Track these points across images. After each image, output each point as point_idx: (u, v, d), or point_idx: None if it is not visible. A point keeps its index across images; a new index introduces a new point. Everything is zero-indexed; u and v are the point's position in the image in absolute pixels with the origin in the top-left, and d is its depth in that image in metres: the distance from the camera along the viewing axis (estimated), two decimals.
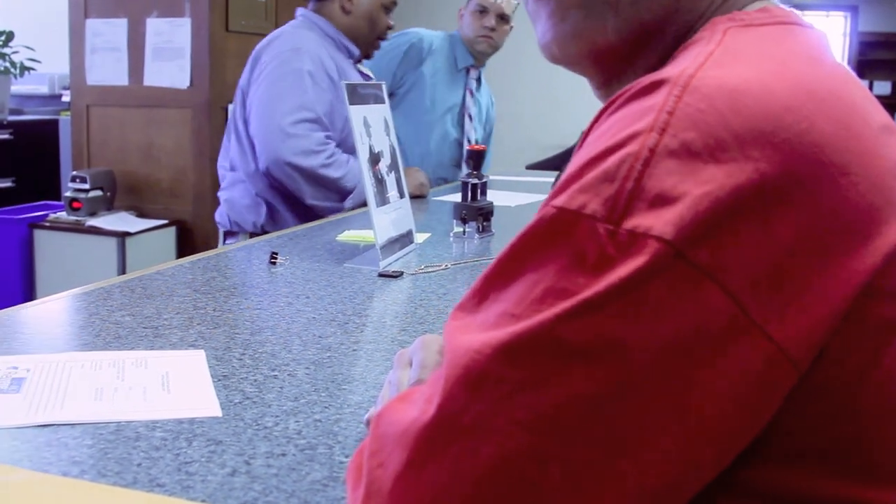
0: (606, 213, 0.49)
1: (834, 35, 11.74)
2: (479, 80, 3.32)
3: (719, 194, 0.47)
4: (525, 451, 0.48)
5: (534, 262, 0.51)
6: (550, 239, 0.51)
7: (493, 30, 3.14)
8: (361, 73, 2.70)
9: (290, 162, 2.34)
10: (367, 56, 2.78)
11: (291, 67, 2.43)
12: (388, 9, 2.70)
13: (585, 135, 0.58)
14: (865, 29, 11.09)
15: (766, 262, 0.47)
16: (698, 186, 0.48)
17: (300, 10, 2.69)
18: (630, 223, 0.48)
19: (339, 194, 2.44)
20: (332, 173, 2.39)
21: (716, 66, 0.53)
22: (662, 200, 0.48)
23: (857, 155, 0.51)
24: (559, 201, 0.51)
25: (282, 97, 2.39)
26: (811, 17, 11.65)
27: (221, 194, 2.62)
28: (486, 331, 0.51)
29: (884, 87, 10.54)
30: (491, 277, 0.54)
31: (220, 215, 2.63)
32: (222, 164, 2.62)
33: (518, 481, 0.48)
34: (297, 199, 2.44)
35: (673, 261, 0.47)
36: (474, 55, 3.22)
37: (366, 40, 2.68)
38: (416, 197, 2.64)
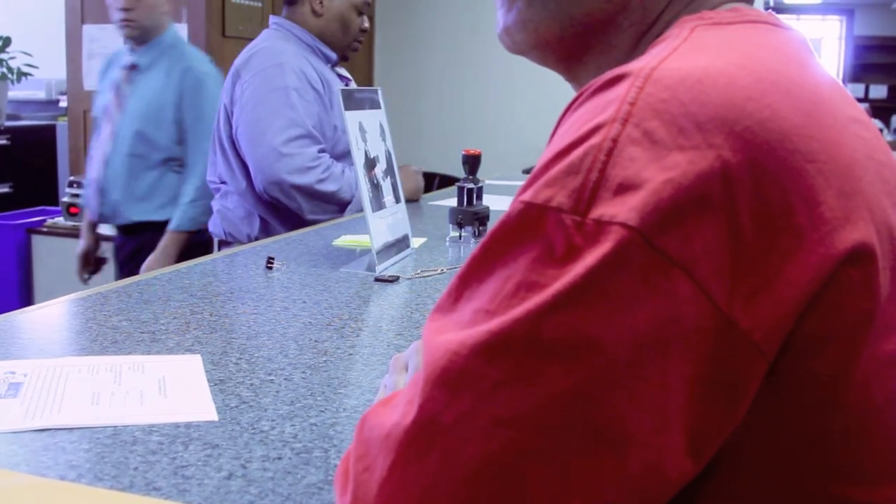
0: (573, 205, 0.50)
1: (830, 39, 11.76)
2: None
3: (682, 181, 0.48)
4: (507, 448, 0.48)
5: (504, 257, 0.52)
6: (519, 233, 0.52)
7: (126, 10, 2.95)
8: (341, 76, 2.70)
9: (286, 181, 2.33)
10: (345, 58, 2.77)
11: (274, 85, 2.40)
12: (360, 11, 2.69)
13: (554, 132, 0.58)
14: (861, 33, 11.11)
15: (730, 249, 0.48)
16: (661, 173, 0.48)
17: (273, 19, 2.68)
18: (596, 213, 0.49)
19: (337, 206, 2.44)
20: (329, 187, 2.39)
21: (679, 59, 0.54)
22: (626, 188, 0.49)
23: (824, 143, 0.52)
24: (526, 196, 0.52)
25: (270, 117, 2.37)
26: (807, 21, 11.69)
27: (215, 204, 2.61)
28: (462, 329, 0.52)
29: (880, 91, 10.56)
30: (465, 276, 0.55)
31: (214, 226, 2.62)
32: (211, 178, 2.60)
33: (502, 478, 0.49)
34: (291, 212, 2.44)
35: (639, 248, 0.48)
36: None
37: (340, 43, 2.67)
38: (410, 201, 2.64)
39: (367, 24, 2.72)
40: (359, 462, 0.54)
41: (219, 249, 2.64)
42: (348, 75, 2.78)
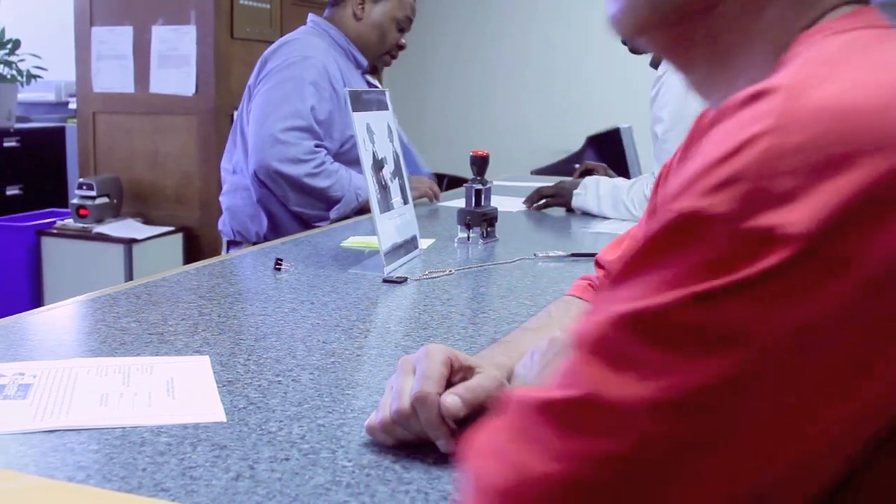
0: (733, 214, 0.50)
1: None
2: None
3: (847, 191, 0.48)
4: (662, 433, 0.49)
5: (661, 265, 0.52)
6: (677, 242, 0.52)
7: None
8: (369, 83, 2.72)
9: (275, 168, 2.37)
10: (375, 69, 2.79)
11: (293, 74, 2.45)
12: (401, 27, 2.72)
13: (688, 144, 0.58)
14: None
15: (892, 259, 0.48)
16: (822, 184, 0.49)
17: (311, 17, 2.71)
18: (757, 222, 0.49)
19: (325, 203, 2.45)
20: (319, 183, 2.40)
21: (825, 72, 0.54)
22: (788, 198, 0.49)
23: None
24: (684, 205, 0.52)
25: (279, 103, 2.41)
26: None
27: (223, 199, 2.63)
28: (616, 310, 0.52)
29: None
30: (617, 282, 0.55)
31: (223, 224, 2.64)
32: (225, 166, 2.64)
33: (654, 463, 0.49)
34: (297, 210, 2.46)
35: (802, 257, 0.48)
36: None
37: (374, 52, 2.70)
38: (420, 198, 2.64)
39: (404, 41, 2.75)
40: (516, 436, 0.54)
41: (227, 250, 2.66)
42: (377, 84, 2.80)
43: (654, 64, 2.40)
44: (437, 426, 0.86)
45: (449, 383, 0.90)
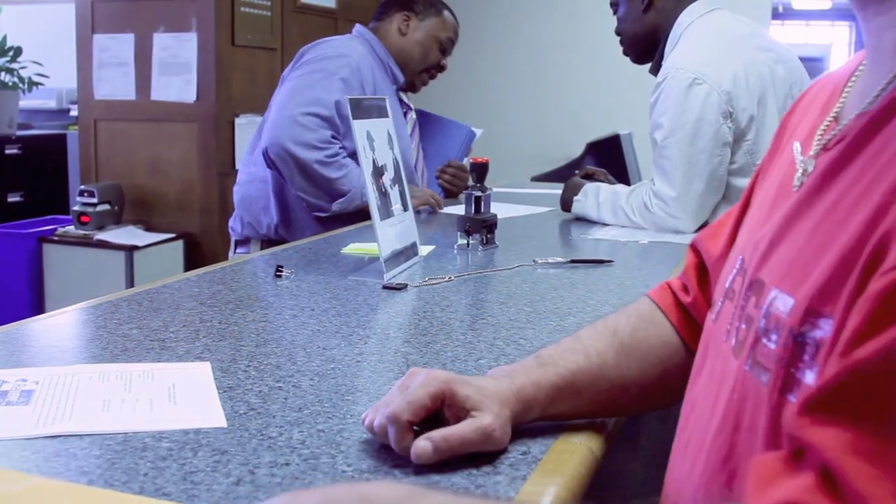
0: None
1: (839, 45, 11.74)
2: None
3: None
4: None
5: None
6: None
7: None
8: (402, 101, 2.74)
9: (287, 148, 2.40)
10: (413, 89, 2.82)
11: (325, 67, 2.50)
12: (444, 48, 2.75)
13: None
14: None
15: None
16: None
17: (357, 26, 2.76)
18: None
19: (329, 194, 2.47)
20: (328, 173, 2.42)
21: None
22: None
23: None
24: None
25: (304, 89, 2.46)
26: (816, 27, 11.65)
27: (237, 190, 2.66)
28: None
29: None
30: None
31: (234, 220, 2.67)
32: (245, 160, 2.68)
33: None
34: (309, 202, 2.48)
35: None
36: None
37: (413, 69, 2.74)
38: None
39: (445, 63, 2.79)
40: None
41: (235, 249, 2.68)
42: (409, 103, 2.83)
43: (654, 71, 2.41)
44: (403, 451, 0.86)
45: (441, 414, 0.89)
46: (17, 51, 4.67)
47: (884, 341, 0.48)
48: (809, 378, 0.59)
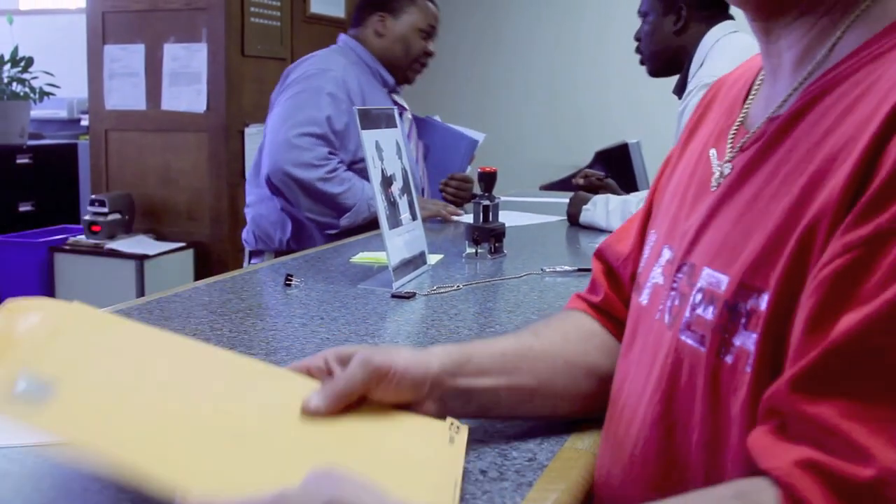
0: None
1: None
2: None
3: None
4: None
5: None
6: None
7: None
8: (396, 102, 2.75)
9: (288, 172, 2.42)
10: (407, 81, 2.83)
11: (311, 85, 2.52)
12: (426, 34, 2.75)
13: (868, 149, 0.62)
14: None
15: None
16: None
17: (341, 36, 2.78)
18: None
19: (335, 210, 2.49)
20: (331, 189, 2.44)
21: None
22: None
23: None
24: None
25: (294, 111, 2.48)
26: None
27: (248, 210, 2.69)
28: None
29: None
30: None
31: (247, 233, 2.70)
32: (251, 180, 2.69)
33: None
34: (321, 219, 2.51)
35: None
36: None
37: (401, 65, 2.74)
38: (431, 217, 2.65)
39: (431, 48, 2.78)
40: None
41: (249, 260, 2.71)
42: (405, 104, 2.84)
43: (679, 91, 2.43)
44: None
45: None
46: (29, 61, 4.71)
47: (854, 320, 0.56)
48: (741, 341, 0.69)
